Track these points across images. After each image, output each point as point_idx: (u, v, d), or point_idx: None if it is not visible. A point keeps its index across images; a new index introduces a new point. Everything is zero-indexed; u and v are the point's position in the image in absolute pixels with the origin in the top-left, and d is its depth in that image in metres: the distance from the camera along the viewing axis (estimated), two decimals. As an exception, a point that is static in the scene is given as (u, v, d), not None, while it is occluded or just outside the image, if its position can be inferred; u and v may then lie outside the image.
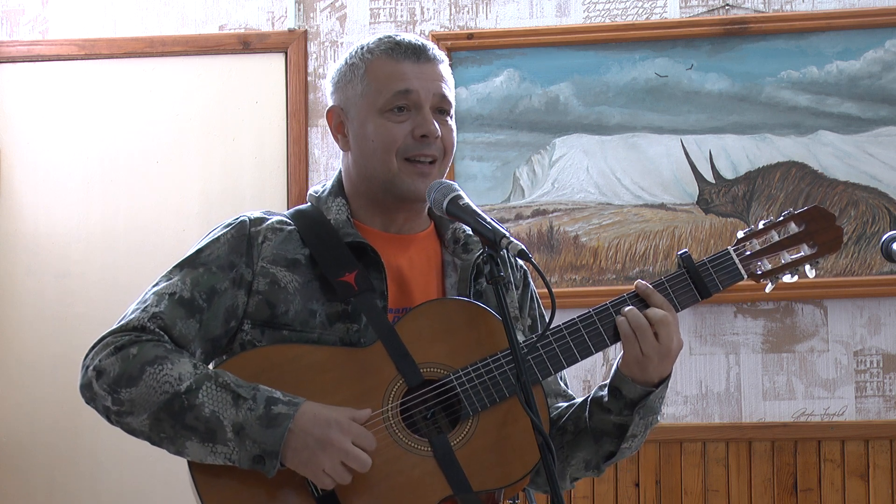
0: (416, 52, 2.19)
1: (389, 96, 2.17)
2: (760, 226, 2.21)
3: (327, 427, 2.00)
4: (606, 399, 2.18)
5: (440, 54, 2.23)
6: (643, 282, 2.17)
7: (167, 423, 2.03)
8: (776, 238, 2.20)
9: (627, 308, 2.14)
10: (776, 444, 4.01)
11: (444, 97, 2.20)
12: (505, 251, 2.00)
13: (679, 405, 4.04)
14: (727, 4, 4.13)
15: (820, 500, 3.97)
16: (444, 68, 2.22)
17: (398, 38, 2.21)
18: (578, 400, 2.28)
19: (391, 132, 2.16)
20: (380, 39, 2.23)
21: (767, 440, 4.00)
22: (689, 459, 4.02)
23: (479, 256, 2.22)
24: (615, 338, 2.16)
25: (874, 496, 3.95)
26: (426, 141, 2.17)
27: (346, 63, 2.24)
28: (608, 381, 2.20)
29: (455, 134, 2.23)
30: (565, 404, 2.30)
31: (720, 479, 4.01)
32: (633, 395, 2.16)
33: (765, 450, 4.00)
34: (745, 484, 4.00)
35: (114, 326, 2.12)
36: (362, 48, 2.23)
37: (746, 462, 4.01)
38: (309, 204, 2.28)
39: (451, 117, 2.22)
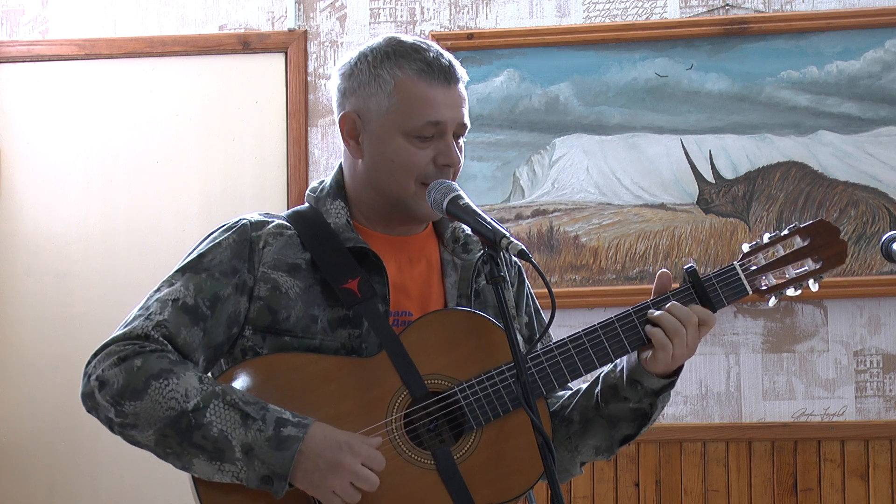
0: (447, 76, 2.15)
1: (420, 124, 2.13)
2: (766, 240, 2.20)
3: (338, 449, 2.00)
4: (624, 389, 2.17)
5: (462, 72, 2.20)
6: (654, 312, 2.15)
7: (174, 439, 2.02)
8: (781, 252, 2.20)
9: (658, 314, 2.11)
10: (776, 444, 4.01)
11: (464, 125, 2.18)
12: (505, 251, 2.00)
13: (679, 405, 4.04)
14: (727, 4, 4.13)
15: (820, 500, 3.97)
16: (463, 86, 2.20)
17: (429, 57, 2.16)
18: (581, 388, 2.26)
19: (414, 157, 2.14)
20: (408, 54, 2.16)
21: (767, 440, 4.00)
22: (689, 459, 4.02)
23: (480, 257, 2.21)
24: (635, 345, 2.14)
25: (874, 496, 3.95)
26: (447, 170, 2.16)
27: (368, 71, 2.18)
28: (622, 372, 2.18)
29: (464, 152, 2.21)
30: (565, 393, 2.29)
31: (720, 479, 4.01)
32: (657, 386, 2.16)
33: (765, 450, 4.00)
34: (745, 484, 4.00)
35: (116, 333, 2.09)
36: (389, 59, 2.17)
37: (746, 462, 4.01)
38: (307, 205, 2.27)
39: (463, 137, 2.21)
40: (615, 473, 4.04)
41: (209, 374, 2.13)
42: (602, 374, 2.22)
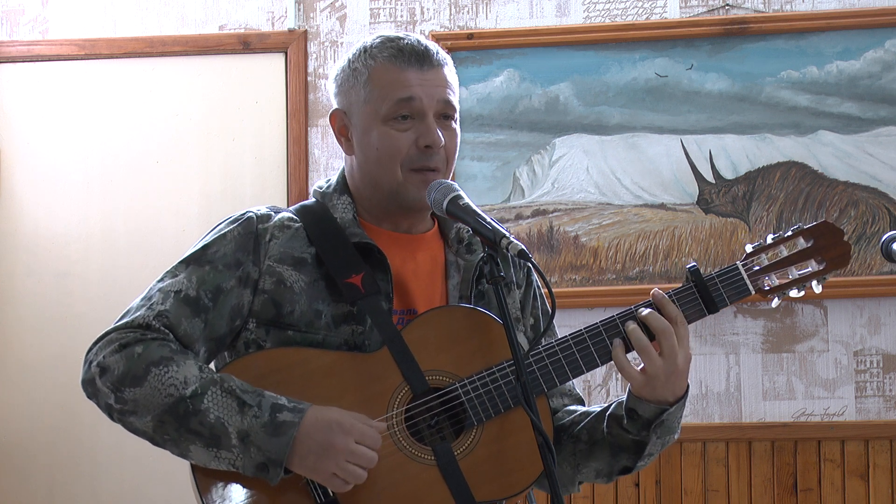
0: (420, 59, 2.17)
1: (392, 104, 2.14)
2: (769, 240, 2.19)
3: (329, 430, 1.99)
4: (626, 421, 2.17)
5: (444, 57, 2.20)
6: (660, 291, 2.15)
7: (171, 425, 2.02)
8: (784, 253, 2.19)
9: (631, 328, 2.11)
10: (776, 444, 4.01)
11: (448, 102, 2.17)
12: (504, 251, 2.00)
13: (679, 405, 4.04)
14: (727, 4, 4.13)
15: (820, 500, 3.97)
16: (449, 71, 2.20)
17: (402, 44, 2.18)
18: (594, 408, 2.26)
19: (395, 142, 2.14)
20: (382, 43, 2.19)
21: (767, 440, 4.00)
22: (689, 459, 4.02)
23: (482, 257, 2.21)
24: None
25: (874, 496, 3.95)
26: (430, 151, 2.15)
27: (348, 66, 2.21)
28: (624, 402, 2.18)
29: (458, 138, 2.21)
30: (578, 409, 2.29)
31: (720, 479, 4.01)
32: (649, 415, 2.14)
33: (765, 450, 4.00)
34: (745, 484, 4.00)
35: (118, 322, 2.10)
36: (365, 51, 2.20)
37: (746, 462, 4.01)
38: (314, 200, 2.27)
39: (455, 121, 2.20)
40: (615, 473, 4.04)
41: (210, 366, 2.13)
42: (615, 402, 2.22)
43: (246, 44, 4.29)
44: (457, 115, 2.21)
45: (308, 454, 1.99)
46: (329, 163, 4.22)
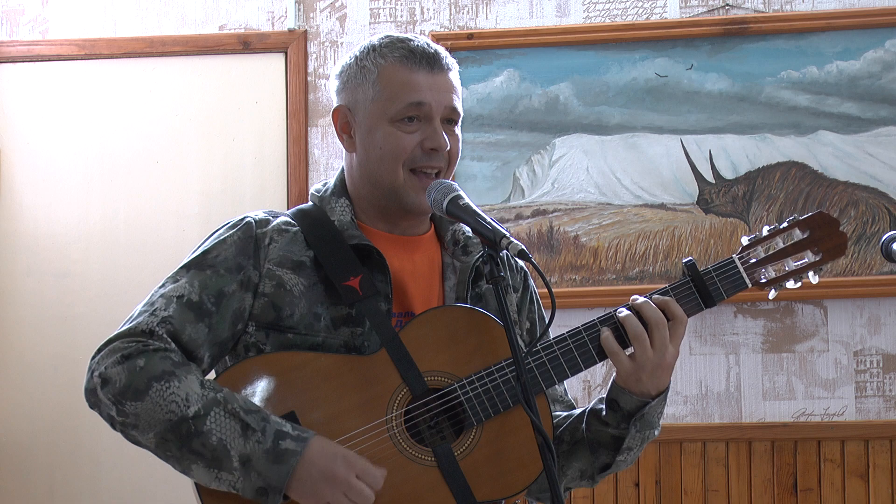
0: (430, 62, 2.18)
1: (402, 107, 2.16)
2: (765, 232, 2.20)
3: (332, 461, 2.00)
4: (605, 413, 2.18)
5: (451, 62, 2.22)
6: (658, 297, 2.15)
7: (174, 444, 2.02)
8: (780, 245, 2.20)
9: (624, 315, 2.13)
10: (776, 444, 4.01)
11: (454, 109, 2.19)
12: (505, 251, 2.00)
13: (679, 405, 4.04)
14: (727, 4, 4.13)
15: (820, 500, 3.97)
16: (455, 76, 2.22)
17: (413, 45, 2.19)
18: (576, 411, 2.28)
19: (400, 142, 2.16)
20: (392, 43, 2.20)
21: (767, 440, 4.00)
22: (689, 459, 4.02)
23: (478, 259, 2.21)
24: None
25: (874, 496, 3.95)
26: (435, 154, 2.16)
27: (356, 64, 2.22)
28: (605, 396, 2.20)
29: (461, 142, 2.22)
30: (563, 413, 2.31)
31: (720, 479, 4.01)
32: (630, 407, 2.16)
33: (765, 450, 4.00)
34: (745, 484, 4.00)
35: (122, 329, 2.09)
36: (374, 50, 2.21)
37: (746, 462, 4.01)
38: (311, 203, 2.27)
39: (458, 126, 2.22)
40: (615, 473, 4.03)
41: (212, 377, 2.12)
42: (595, 399, 2.23)
43: (246, 44, 4.29)
44: (460, 120, 2.23)
45: (307, 480, 1.99)
46: (329, 163, 4.22)
